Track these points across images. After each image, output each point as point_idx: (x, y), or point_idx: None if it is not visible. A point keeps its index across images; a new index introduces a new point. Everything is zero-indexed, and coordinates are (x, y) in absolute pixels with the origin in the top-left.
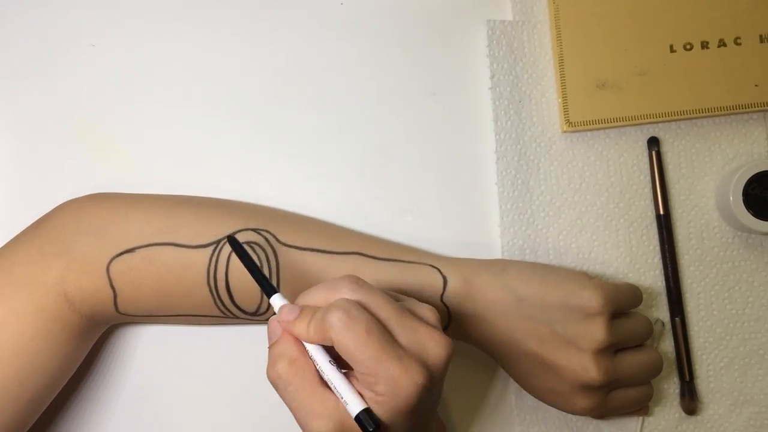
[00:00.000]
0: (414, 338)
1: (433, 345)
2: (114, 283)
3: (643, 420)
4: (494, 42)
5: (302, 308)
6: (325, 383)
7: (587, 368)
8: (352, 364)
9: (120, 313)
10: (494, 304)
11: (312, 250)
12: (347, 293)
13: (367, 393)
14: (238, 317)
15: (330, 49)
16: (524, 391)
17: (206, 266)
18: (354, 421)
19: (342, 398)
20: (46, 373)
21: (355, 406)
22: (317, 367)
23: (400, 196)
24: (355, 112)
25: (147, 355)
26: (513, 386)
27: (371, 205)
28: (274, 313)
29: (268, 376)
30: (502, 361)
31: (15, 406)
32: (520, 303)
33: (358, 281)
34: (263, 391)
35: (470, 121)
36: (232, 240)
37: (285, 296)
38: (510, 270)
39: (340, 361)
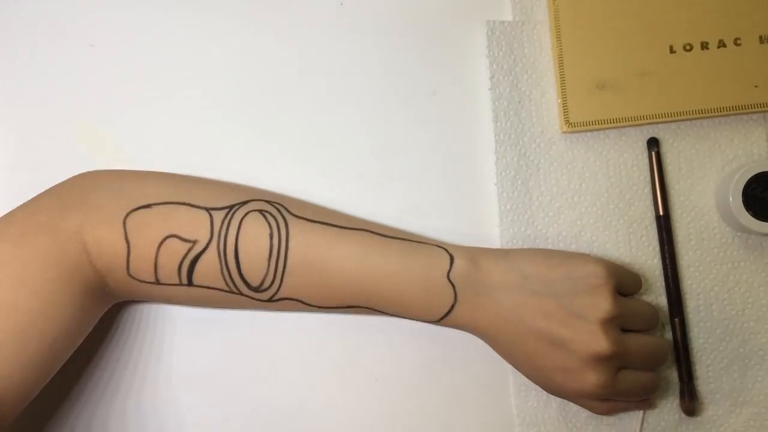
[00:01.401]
0: None
1: None
2: (129, 237)
3: (643, 420)
4: (494, 42)
5: None
6: None
7: (596, 338)
8: None
9: (130, 275)
10: (500, 282)
11: (322, 223)
12: None
13: None
14: (241, 293)
15: (330, 49)
16: (524, 392)
17: (218, 228)
18: None
19: None
20: (66, 319)
21: None
22: None
23: (400, 196)
24: (355, 112)
25: (154, 340)
26: (513, 386)
27: (371, 205)
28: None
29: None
30: (507, 345)
31: (39, 344)
32: (526, 280)
33: None
34: (268, 378)
35: (470, 121)
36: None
37: None
38: (513, 253)
39: None
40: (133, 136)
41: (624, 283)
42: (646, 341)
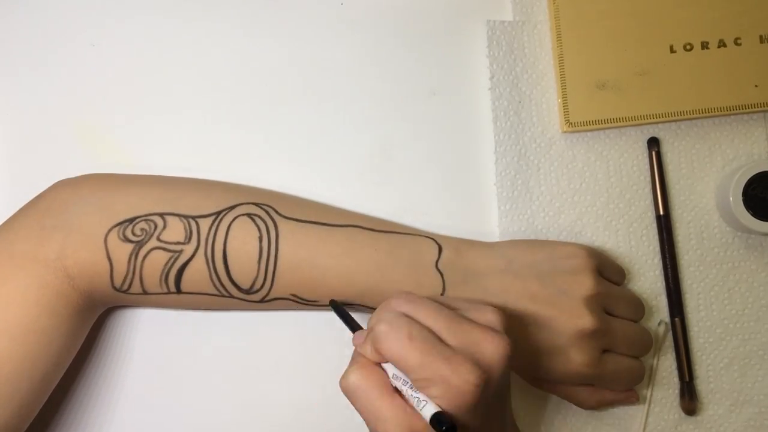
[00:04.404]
0: (466, 339)
1: (487, 344)
2: (111, 255)
3: (646, 421)
4: (494, 42)
5: (369, 331)
6: (394, 390)
7: (579, 313)
8: (404, 373)
9: (115, 289)
10: (486, 267)
11: (311, 222)
12: (397, 306)
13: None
14: (232, 296)
15: (330, 49)
16: (524, 392)
17: (205, 235)
18: (423, 426)
19: (413, 403)
20: (53, 351)
21: (428, 409)
22: (389, 379)
23: (400, 196)
24: (355, 111)
25: (146, 341)
26: (514, 386)
27: (371, 204)
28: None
29: (340, 385)
30: None
31: (29, 385)
32: (510, 264)
33: (408, 295)
34: (259, 376)
35: (470, 121)
36: (333, 302)
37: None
38: (498, 243)
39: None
40: (133, 135)
41: (607, 268)
42: (631, 326)
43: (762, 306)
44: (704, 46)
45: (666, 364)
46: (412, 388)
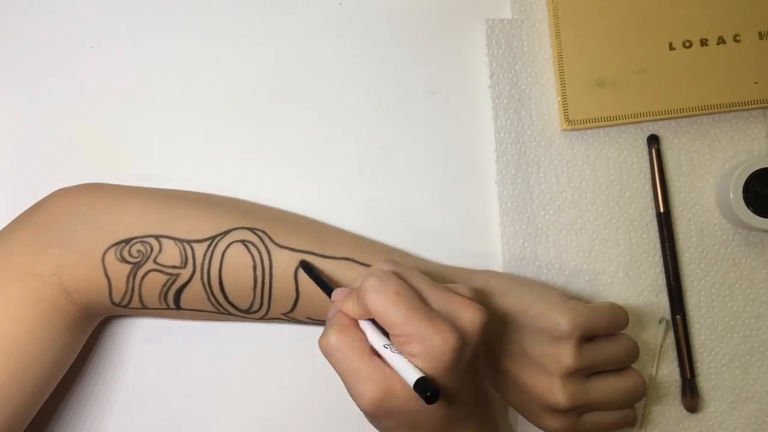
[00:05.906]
0: (447, 304)
1: (466, 311)
2: (109, 274)
3: (643, 419)
4: (493, 41)
5: (352, 289)
6: (374, 351)
7: (553, 392)
8: (386, 328)
9: (114, 304)
10: None
11: (304, 252)
12: (385, 266)
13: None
14: (231, 314)
15: (329, 49)
16: None
17: (200, 261)
18: (401, 387)
19: (394, 366)
20: (47, 362)
21: (411, 373)
22: (368, 340)
23: (400, 196)
24: (355, 112)
25: (143, 349)
26: None
27: (371, 204)
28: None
29: (319, 345)
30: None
31: (20, 396)
32: (494, 321)
33: (393, 261)
34: (257, 382)
35: (470, 120)
36: (303, 263)
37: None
38: (492, 283)
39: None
40: (132, 137)
41: (598, 329)
42: (615, 385)
43: (763, 303)
44: (703, 43)
45: (667, 362)
46: (389, 349)
